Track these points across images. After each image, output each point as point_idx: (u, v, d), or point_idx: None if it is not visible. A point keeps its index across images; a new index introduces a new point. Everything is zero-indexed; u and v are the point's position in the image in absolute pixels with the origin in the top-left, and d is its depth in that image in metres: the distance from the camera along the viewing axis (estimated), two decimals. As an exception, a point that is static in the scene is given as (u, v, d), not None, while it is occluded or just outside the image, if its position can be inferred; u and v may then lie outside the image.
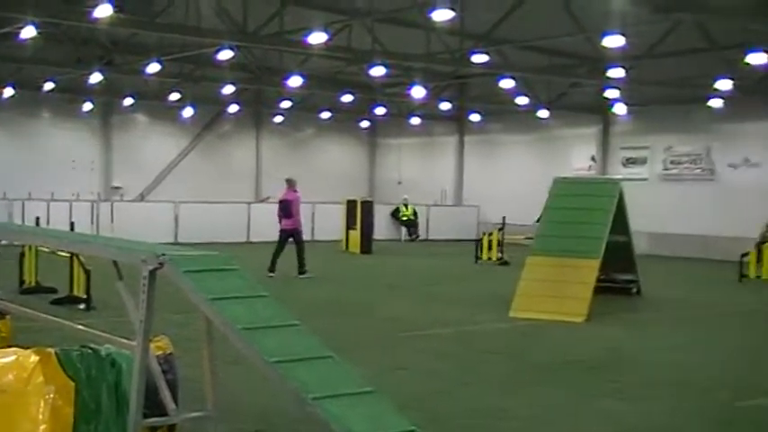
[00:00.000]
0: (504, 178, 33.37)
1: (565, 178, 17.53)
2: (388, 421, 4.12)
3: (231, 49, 20.90)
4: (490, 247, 23.78)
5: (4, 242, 17.52)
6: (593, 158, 30.78)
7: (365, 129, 38.61)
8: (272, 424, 7.14)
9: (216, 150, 35.32)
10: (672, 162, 28.54)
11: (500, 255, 23.36)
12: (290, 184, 19.02)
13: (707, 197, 27.17)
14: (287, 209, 18.56)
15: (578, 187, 16.47)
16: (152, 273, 4.94)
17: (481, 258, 23.67)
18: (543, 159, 31.70)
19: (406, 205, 33.05)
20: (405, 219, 33.09)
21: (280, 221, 18.77)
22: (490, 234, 24.20)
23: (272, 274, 17.77)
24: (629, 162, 29.68)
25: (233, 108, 32.99)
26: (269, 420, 7.23)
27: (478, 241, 24.59)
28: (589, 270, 14.10)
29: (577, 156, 31.18)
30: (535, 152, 32.91)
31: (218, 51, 21.38)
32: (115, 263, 5.46)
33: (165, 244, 8.36)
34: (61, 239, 7.70)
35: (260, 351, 4.36)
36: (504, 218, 24.20)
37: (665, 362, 10.54)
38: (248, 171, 36.03)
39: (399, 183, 36.84)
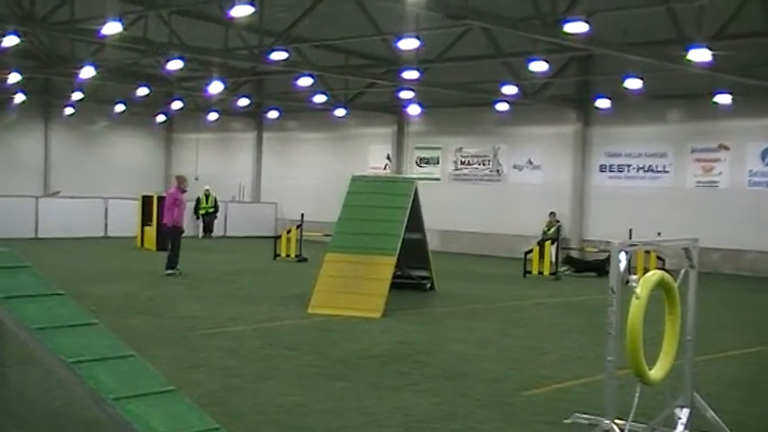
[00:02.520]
0: (302, 175, 33.61)
1: (362, 176, 17.95)
2: (192, 420, 4.12)
3: (16, 34, 19.79)
4: (289, 244, 23.88)
5: None
6: (388, 157, 31.59)
7: (161, 123, 37.69)
8: (66, 429, 6.89)
9: (0, 142, 33.34)
10: (462, 162, 29.81)
11: (298, 252, 23.52)
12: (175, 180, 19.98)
13: (494, 197, 28.61)
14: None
15: (375, 185, 16.84)
16: (-65, 271, 4.67)
17: (280, 255, 23.72)
18: (341, 157, 32.19)
19: (207, 196, 31.83)
20: (204, 212, 31.86)
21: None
22: (289, 231, 24.31)
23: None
24: (423, 162, 30.71)
25: (19, 98, 31.23)
26: (63, 425, 6.97)
27: (277, 238, 24.63)
28: (385, 267, 14.49)
29: (374, 154, 31.90)
30: (333, 150, 33.35)
31: (2, 37, 20.19)
32: None
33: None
34: None
35: (56, 351, 4.23)
36: (302, 215, 24.40)
37: (456, 354, 11.03)
38: (36, 164, 34.30)
39: (196, 178, 36.07)
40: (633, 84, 22.73)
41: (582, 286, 19.99)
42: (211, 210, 32.00)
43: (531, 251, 21.72)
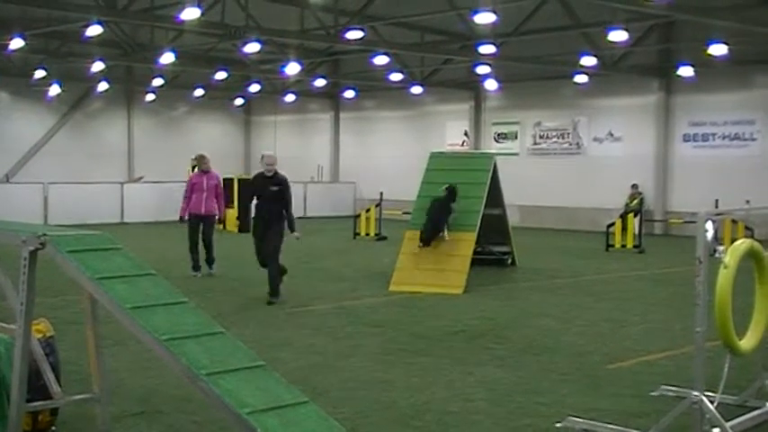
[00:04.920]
0: (379, 154, 33.66)
1: (441, 153, 17.90)
2: (281, 393, 4.19)
3: (100, 24, 20.27)
4: (368, 223, 24.01)
5: None
6: (466, 134, 31.41)
7: (239, 106, 38.20)
8: (156, 405, 7.10)
9: (85, 130, 34.26)
10: (541, 137, 29.45)
11: (378, 230, 23.62)
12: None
13: (574, 170, 28.20)
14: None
15: (454, 162, 16.80)
16: (32, 253, 4.83)
17: (359, 234, 23.87)
18: (418, 135, 32.13)
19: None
20: None
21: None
22: (368, 210, 24.42)
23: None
24: (501, 137, 30.44)
25: (103, 86, 32.00)
26: (154, 401, 7.18)
27: (356, 217, 24.78)
28: (466, 243, 14.46)
29: (451, 131, 31.74)
30: (410, 128, 33.32)
31: (86, 27, 20.69)
32: (-9, 245, 5.30)
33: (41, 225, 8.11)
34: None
35: (149, 329, 4.35)
36: (381, 193, 24.48)
37: (539, 328, 10.97)
38: (120, 151, 35.13)
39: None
40: (718, 50, 21.96)
41: (667, 259, 19.60)
42: None
43: (613, 224, 21.39)
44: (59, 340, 6.32)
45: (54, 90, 31.36)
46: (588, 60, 24.16)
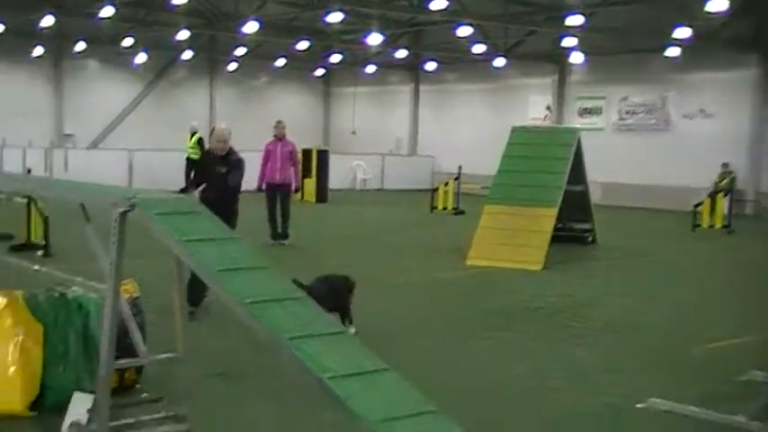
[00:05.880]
0: (459, 128, 33.41)
1: (523, 127, 17.65)
2: (362, 361, 4.18)
3: (186, -7, 20.53)
4: (446, 197, 23.90)
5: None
6: (548, 108, 30.94)
7: (319, 77, 38.33)
8: (237, 367, 7.19)
9: (169, 98, 34.82)
10: (627, 112, 28.80)
11: (455, 205, 23.50)
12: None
13: (661, 147, 27.49)
14: None
15: (537, 136, 16.55)
16: (122, 215, 4.90)
17: (437, 208, 23.79)
18: (499, 109, 31.77)
19: (192, 134, 23.92)
20: (187, 158, 23.36)
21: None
22: (446, 184, 24.30)
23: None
24: (585, 112, 29.88)
25: (187, 54, 32.46)
26: (235, 364, 7.28)
27: (434, 191, 24.69)
28: (546, 219, 14.26)
29: (534, 105, 31.27)
30: (491, 102, 32.96)
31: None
32: (83, 206, 5.39)
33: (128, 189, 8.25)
34: (30, 182, 7.67)
35: (234, 292, 4.37)
36: (459, 167, 24.31)
37: (620, 307, 10.78)
38: (202, 119, 35.57)
39: (353, 132, 36.72)
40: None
41: (757, 240, 19.04)
42: (196, 154, 22.89)
43: (700, 204, 20.83)
44: (144, 302, 6.44)
45: (140, 58, 31.94)
46: (682, 32, 23.27)
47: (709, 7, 20.22)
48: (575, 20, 22.60)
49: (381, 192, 31.92)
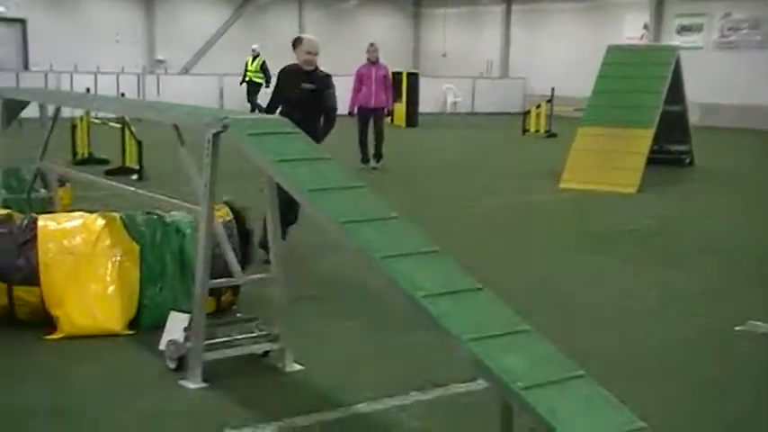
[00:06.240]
0: (552, 49, 32.55)
1: (619, 46, 17.12)
2: (456, 280, 4.15)
3: None
4: (538, 120, 23.49)
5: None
6: (645, 27, 29.82)
7: (409, -1, 37.86)
8: (330, 288, 7.27)
9: (258, 22, 34.85)
10: (729, 29, 27.55)
11: (548, 127, 23.09)
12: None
13: (765, 65, 26.30)
14: None
15: (633, 55, 16.02)
16: (215, 136, 4.93)
17: (528, 131, 23.43)
18: (593, 29, 30.79)
19: (255, 58, 24.89)
20: (248, 80, 24.76)
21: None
22: (538, 106, 23.87)
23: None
24: (684, 30, 28.71)
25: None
26: (328, 285, 7.36)
27: (526, 114, 24.29)
28: (643, 140, 13.89)
29: (630, 24, 30.19)
30: (585, 21, 31.98)
31: None
32: (176, 128, 5.45)
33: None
34: (124, 105, 7.81)
35: (326, 211, 4.37)
36: (552, 89, 23.80)
37: (717, 230, 10.50)
38: (290, 44, 35.55)
39: (444, 55, 36.24)
40: None
41: None
42: (258, 79, 24.55)
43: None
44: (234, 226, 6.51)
45: (230, -17, 31.98)
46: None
47: None
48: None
49: (472, 115, 31.55)
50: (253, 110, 22.48)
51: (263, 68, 24.25)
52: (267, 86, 22.37)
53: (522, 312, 4.06)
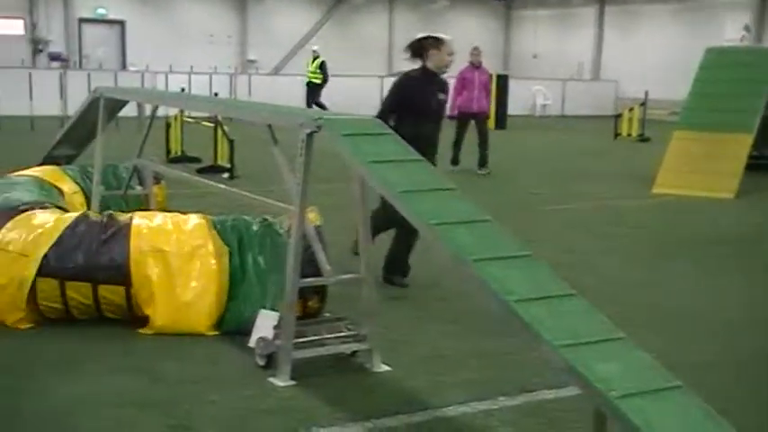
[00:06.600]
0: (645, 51, 31.88)
1: (718, 48, 16.67)
2: (548, 285, 4.08)
3: None
4: (630, 123, 23.03)
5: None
6: (746, 28, 28.92)
7: (500, 0, 37.54)
8: (418, 289, 7.25)
9: (349, 23, 35.13)
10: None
11: (641, 131, 22.63)
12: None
13: None
14: None
15: (733, 57, 15.57)
16: (309, 136, 4.96)
17: (620, 134, 23.01)
18: (690, 30, 30.05)
19: (315, 59, 25.10)
20: (307, 82, 25.11)
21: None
22: (631, 109, 23.41)
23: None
24: (788, 31, 27.83)
25: (366, -21, 32.56)
26: (412, 287, 7.33)
27: (618, 117, 23.86)
28: (741, 145, 13.49)
29: (730, 25, 29.34)
30: (681, 22, 31.22)
31: None
32: (270, 127, 5.51)
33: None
34: (221, 105, 7.94)
35: (418, 213, 4.35)
36: (646, 92, 23.32)
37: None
38: (380, 45, 35.74)
39: (535, 57, 35.90)
40: None
41: None
42: (317, 80, 24.97)
43: None
44: (325, 225, 6.52)
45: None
46: None
47: None
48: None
49: (561, 118, 31.15)
50: None
51: (322, 68, 24.71)
52: (324, 86, 24.32)
53: (614, 318, 3.97)
